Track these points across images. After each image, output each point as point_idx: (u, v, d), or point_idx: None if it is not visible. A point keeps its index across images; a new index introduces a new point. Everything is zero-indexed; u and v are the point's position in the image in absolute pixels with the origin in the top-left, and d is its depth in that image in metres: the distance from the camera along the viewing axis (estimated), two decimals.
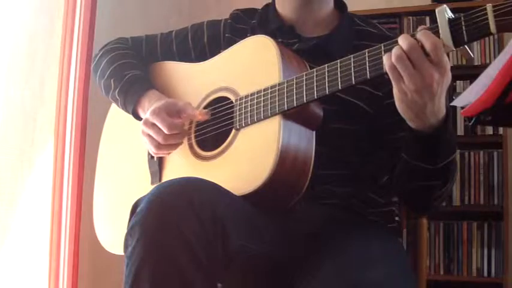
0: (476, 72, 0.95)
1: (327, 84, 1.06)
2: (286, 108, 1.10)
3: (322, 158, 1.15)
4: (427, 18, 2.63)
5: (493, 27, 0.89)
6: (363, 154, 1.21)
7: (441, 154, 1.05)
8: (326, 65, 1.06)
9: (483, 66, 1.22)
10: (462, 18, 0.92)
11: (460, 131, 2.66)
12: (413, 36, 0.96)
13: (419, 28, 0.97)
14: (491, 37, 2.63)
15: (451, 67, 0.97)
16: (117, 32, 1.62)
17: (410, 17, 2.73)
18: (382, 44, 1.00)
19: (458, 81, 2.66)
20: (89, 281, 2.33)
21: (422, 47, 0.94)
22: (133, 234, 0.95)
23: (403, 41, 0.96)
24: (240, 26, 1.34)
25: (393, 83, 0.98)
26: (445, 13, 0.94)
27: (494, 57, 2.18)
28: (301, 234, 1.13)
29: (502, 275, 2.52)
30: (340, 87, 1.04)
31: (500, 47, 2.59)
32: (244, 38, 1.25)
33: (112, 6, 2.56)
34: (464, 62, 2.65)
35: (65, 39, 2.30)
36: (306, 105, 1.10)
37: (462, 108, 0.97)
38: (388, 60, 0.97)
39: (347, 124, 1.18)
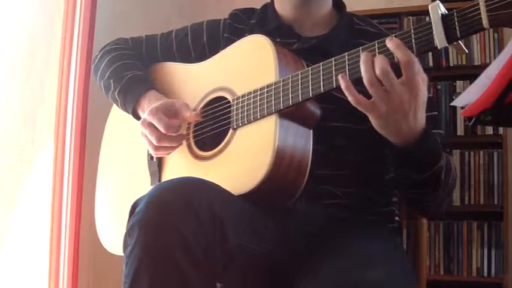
0: (476, 72, 0.95)
1: (321, 83, 1.06)
2: (282, 107, 1.10)
3: (322, 158, 1.15)
4: (427, 18, 2.63)
5: (485, 22, 0.89)
6: (363, 153, 1.21)
7: (421, 167, 1.06)
8: (321, 63, 1.07)
9: (483, 66, 1.22)
10: (455, 13, 0.93)
11: (460, 131, 2.67)
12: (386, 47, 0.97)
13: (390, 37, 0.98)
14: (491, 37, 2.63)
15: (452, 67, 0.98)
16: (117, 32, 1.62)
17: (410, 17, 2.74)
18: (375, 42, 1.00)
19: (458, 81, 2.66)
20: (89, 281, 2.33)
21: (395, 63, 0.96)
22: (132, 234, 0.95)
23: (377, 62, 0.97)
24: (239, 26, 1.34)
25: (366, 109, 1.00)
26: (438, 9, 0.94)
27: (494, 57, 2.18)
28: (302, 234, 1.13)
29: (502, 275, 2.52)
30: (334, 85, 1.04)
31: (500, 47, 2.59)
32: (243, 37, 1.25)
33: (112, 6, 2.56)
34: (464, 62, 2.65)
35: (65, 39, 2.30)
36: (302, 103, 1.10)
37: (462, 108, 0.97)
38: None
39: (346, 123, 1.18)
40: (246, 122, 1.16)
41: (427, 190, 1.11)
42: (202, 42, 1.37)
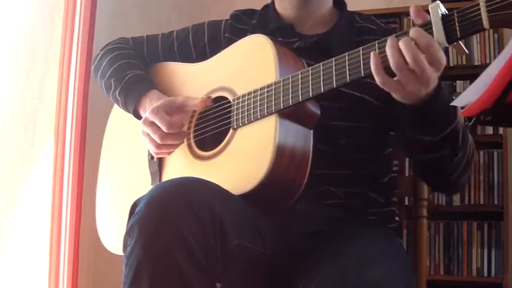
0: (476, 72, 0.94)
1: (322, 83, 1.06)
2: (282, 107, 1.10)
3: (323, 158, 1.15)
4: (427, 19, 2.63)
5: (486, 23, 0.89)
6: (364, 152, 1.21)
7: (438, 124, 1.05)
8: (321, 63, 1.07)
9: (483, 66, 1.22)
10: (455, 14, 0.92)
11: None
12: (406, 34, 0.97)
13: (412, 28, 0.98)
14: (491, 37, 2.63)
15: (451, 67, 0.98)
16: (117, 32, 1.62)
17: (410, 17, 2.73)
18: (376, 42, 1.00)
19: (458, 81, 2.65)
20: (89, 281, 2.33)
21: (417, 45, 0.95)
22: (132, 234, 0.95)
23: (405, 49, 0.95)
24: (240, 26, 1.35)
25: (392, 91, 0.99)
26: (438, 9, 0.94)
27: (494, 57, 2.18)
28: (302, 234, 1.13)
29: (502, 275, 2.51)
30: (335, 85, 1.04)
31: (500, 46, 2.59)
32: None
33: (112, 6, 2.56)
34: (464, 62, 2.65)
35: (65, 39, 2.30)
36: (302, 104, 1.10)
37: (462, 108, 0.97)
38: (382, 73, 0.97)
39: (349, 121, 1.18)
40: (246, 122, 1.16)
41: (445, 152, 1.08)
42: (204, 42, 1.37)
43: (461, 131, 1.08)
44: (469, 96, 0.94)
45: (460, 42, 0.95)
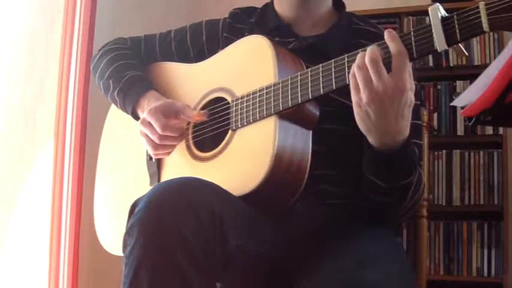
0: (476, 72, 0.95)
1: (321, 85, 1.06)
2: (281, 108, 1.10)
3: (321, 158, 1.15)
4: (427, 19, 2.64)
5: (485, 26, 0.89)
6: (362, 154, 1.21)
7: (394, 176, 1.06)
8: (320, 65, 1.07)
9: (483, 66, 1.22)
10: (455, 16, 0.92)
11: (460, 131, 2.67)
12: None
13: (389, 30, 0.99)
14: (491, 37, 2.64)
15: (452, 67, 0.98)
16: (117, 31, 1.62)
17: (410, 17, 2.74)
18: (375, 44, 1.00)
19: (458, 81, 2.66)
20: (89, 281, 2.33)
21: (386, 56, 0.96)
22: (132, 234, 0.95)
23: (368, 50, 0.97)
24: (239, 26, 1.35)
25: (352, 92, 1.00)
26: (437, 11, 0.94)
27: (494, 57, 2.18)
28: (301, 234, 1.13)
29: (502, 275, 2.52)
30: (334, 87, 1.04)
31: (500, 47, 2.59)
32: (242, 37, 1.25)
33: (112, 6, 2.56)
34: (464, 62, 2.65)
35: (65, 39, 2.30)
36: (301, 105, 1.10)
37: (462, 108, 0.97)
38: (352, 68, 0.99)
39: (344, 126, 1.18)
40: (245, 123, 1.15)
41: (391, 200, 1.11)
42: (201, 42, 1.37)
43: (415, 184, 1.09)
44: (469, 96, 0.94)
45: (459, 44, 0.95)
